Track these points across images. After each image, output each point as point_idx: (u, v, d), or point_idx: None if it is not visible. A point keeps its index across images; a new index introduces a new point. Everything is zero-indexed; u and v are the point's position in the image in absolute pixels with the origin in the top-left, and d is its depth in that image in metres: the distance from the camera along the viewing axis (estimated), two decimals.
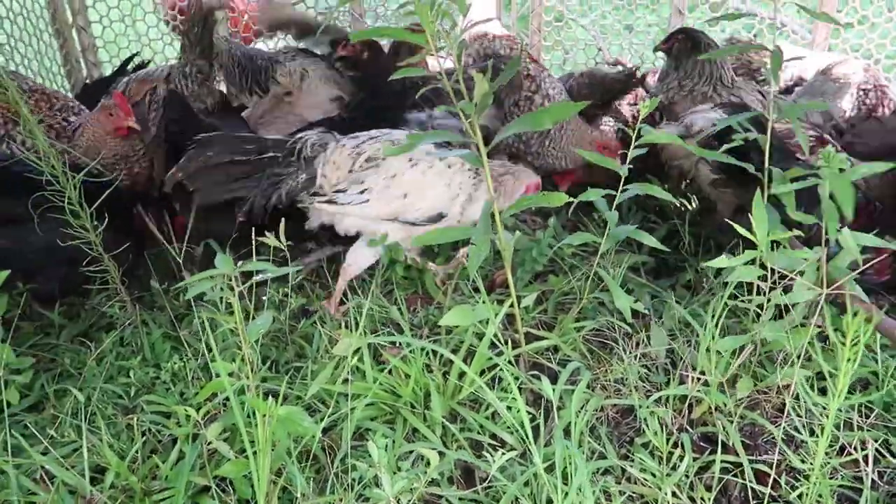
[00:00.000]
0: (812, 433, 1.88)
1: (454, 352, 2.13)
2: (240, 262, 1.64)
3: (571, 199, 2.04)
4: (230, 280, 1.62)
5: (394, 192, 2.37)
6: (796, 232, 1.84)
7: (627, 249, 2.82)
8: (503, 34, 3.56)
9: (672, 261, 2.87)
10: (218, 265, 1.65)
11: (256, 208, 2.37)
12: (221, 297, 2.20)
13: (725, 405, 2.02)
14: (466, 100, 1.85)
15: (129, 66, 3.68)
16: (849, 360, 1.32)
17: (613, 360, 2.25)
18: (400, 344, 2.20)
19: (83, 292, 2.62)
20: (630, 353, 2.25)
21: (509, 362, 2.05)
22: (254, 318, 1.79)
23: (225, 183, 2.35)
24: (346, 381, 1.99)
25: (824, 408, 1.51)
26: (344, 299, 2.57)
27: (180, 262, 2.29)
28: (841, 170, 1.76)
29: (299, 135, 2.49)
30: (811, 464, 1.63)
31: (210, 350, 2.09)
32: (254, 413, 1.59)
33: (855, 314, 1.31)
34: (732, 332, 2.25)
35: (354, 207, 2.38)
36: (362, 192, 2.37)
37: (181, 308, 2.61)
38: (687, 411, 2.06)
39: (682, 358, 2.19)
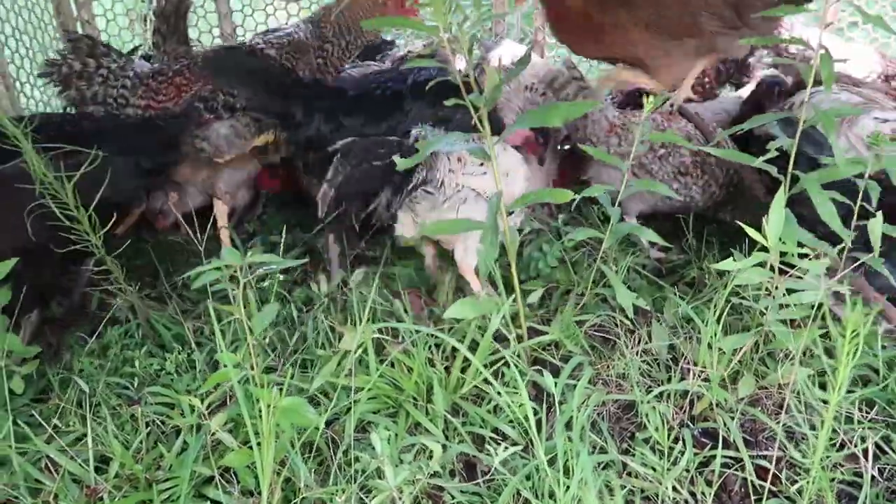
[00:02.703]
0: (813, 428, 1.89)
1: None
2: (249, 254, 1.64)
3: (575, 196, 2.05)
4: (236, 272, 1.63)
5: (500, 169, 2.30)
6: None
7: (631, 248, 2.82)
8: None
9: (675, 259, 2.88)
10: (224, 258, 1.66)
11: (382, 206, 2.36)
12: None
13: (727, 401, 2.03)
14: (477, 93, 1.86)
15: None
16: (848, 353, 1.33)
17: (615, 356, 2.26)
18: (403, 338, 2.21)
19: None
20: (632, 348, 2.26)
21: (514, 354, 2.06)
22: (259, 310, 1.80)
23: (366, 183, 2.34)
24: (349, 374, 2.00)
25: (825, 402, 1.52)
26: None
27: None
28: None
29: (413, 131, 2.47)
30: (811, 458, 1.64)
31: (215, 342, 2.10)
32: (258, 404, 1.61)
33: (854, 305, 1.31)
34: (734, 330, 2.26)
35: (478, 178, 2.41)
36: (482, 165, 2.40)
37: (187, 303, 2.63)
38: (688, 407, 2.07)
39: (683, 354, 2.20)
